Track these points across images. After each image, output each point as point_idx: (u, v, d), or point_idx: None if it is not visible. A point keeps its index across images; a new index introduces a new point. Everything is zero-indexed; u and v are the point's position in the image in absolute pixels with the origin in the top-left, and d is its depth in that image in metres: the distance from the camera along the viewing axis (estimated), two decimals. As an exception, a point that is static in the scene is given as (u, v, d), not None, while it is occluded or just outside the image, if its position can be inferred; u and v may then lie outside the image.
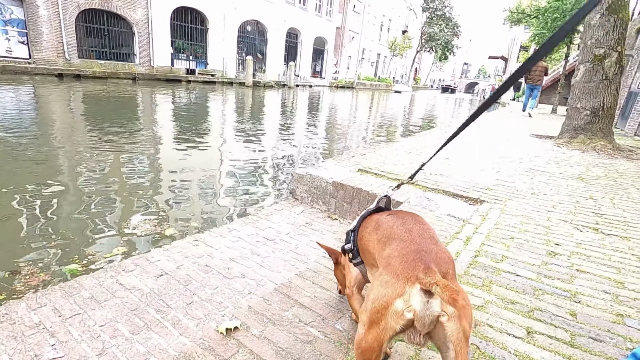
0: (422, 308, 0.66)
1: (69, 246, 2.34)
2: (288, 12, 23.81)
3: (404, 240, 0.81)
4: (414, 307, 0.66)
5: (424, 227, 0.88)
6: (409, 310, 0.66)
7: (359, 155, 3.73)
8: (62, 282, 1.73)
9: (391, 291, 0.69)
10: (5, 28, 12.49)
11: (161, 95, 12.61)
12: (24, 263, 2.13)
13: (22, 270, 2.04)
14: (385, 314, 0.69)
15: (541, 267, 1.64)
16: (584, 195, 2.81)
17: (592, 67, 4.95)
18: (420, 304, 0.66)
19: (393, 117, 13.96)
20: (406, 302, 0.67)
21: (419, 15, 45.84)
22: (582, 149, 4.90)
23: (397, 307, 0.68)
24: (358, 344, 0.74)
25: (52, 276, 2.02)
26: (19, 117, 6.62)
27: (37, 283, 1.96)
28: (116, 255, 2.24)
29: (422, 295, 0.66)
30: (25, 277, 2.00)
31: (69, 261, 2.15)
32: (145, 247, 2.40)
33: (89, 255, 2.25)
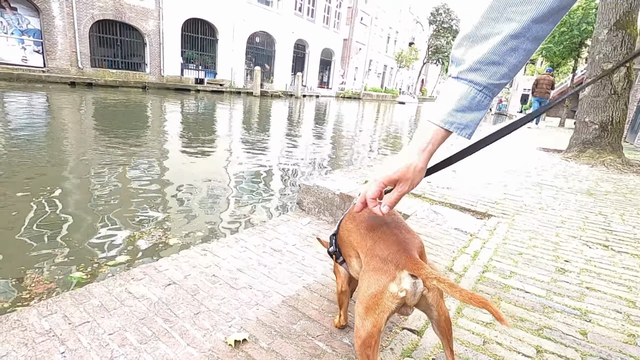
0: (411, 288, 0.80)
1: (74, 254, 2.38)
2: (296, 23, 24.21)
3: (384, 232, 0.91)
4: (405, 288, 0.80)
5: (396, 219, 0.98)
6: (402, 291, 0.80)
7: (365, 167, 3.74)
8: (72, 289, 1.75)
9: (385, 277, 0.82)
10: (21, 37, 12.86)
11: (170, 104, 12.81)
12: (30, 270, 2.16)
13: (28, 278, 2.08)
14: (382, 297, 0.81)
15: (550, 284, 1.63)
16: (593, 211, 2.78)
17: (601, 82, 4.95)
18: (409, 285, 0.80)
19: (399, 128, 14.00)
20: (398, 284, 0.80)
21: (425, 27, 46.31)
22: (590, 163, 4.87)
23: (392, 289, 0.81)
24: (357, 335, 0.84)
25: (57, 284, 2.05)
26: (31, 124, 6.77)
27: (43, 291, 1.99)
28: (120, 264, 2.27)
29: (410, 277, 0.80)
30: (31, 285, 2.03)
31: (74, 269, 2.18)
32: (150, 255, 2.42)
33: (94, 263, 2.28)
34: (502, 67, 0.63)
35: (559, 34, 11.22)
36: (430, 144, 0.71)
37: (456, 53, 0.68)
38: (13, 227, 2.70)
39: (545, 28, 0.60)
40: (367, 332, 0.81)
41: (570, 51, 11.84)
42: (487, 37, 0.62)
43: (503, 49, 0.61)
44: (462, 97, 0.66)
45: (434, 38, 44.52)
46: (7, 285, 2.01)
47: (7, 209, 3.02)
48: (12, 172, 3.98)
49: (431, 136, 0.71)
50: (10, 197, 3.25)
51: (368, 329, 0.81)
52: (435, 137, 0.71)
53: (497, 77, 0.64)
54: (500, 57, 0.62)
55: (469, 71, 0.65)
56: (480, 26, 0.62)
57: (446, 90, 0.69)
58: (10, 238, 2.57)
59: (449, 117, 0.68)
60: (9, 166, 4.17)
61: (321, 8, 26.24)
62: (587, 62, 5.66)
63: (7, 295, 1.92)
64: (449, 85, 0.69)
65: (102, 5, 14.34)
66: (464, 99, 0.66)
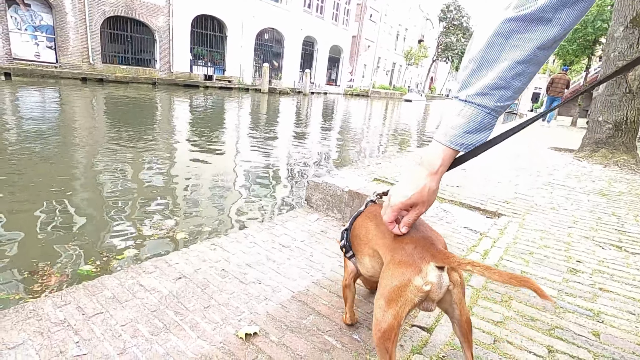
0: (437, 281, 0.80)
1: (84, 247, 2.42)
2: (305, 20, 24.15)
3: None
4: (431, 281, 0.79)
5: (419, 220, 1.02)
6: (427, 284, 0.79)
7: (374, 165, 3.73)
8: (84, 281, 1.78)
9: (410, 270, 0.81)
10: (35, 33, 13.05)
11: (179, 100, 12.90)
12: (42, 263, 2.21)
13: (40, 271, 2.12)
14: (405, 290, 0.80)
15: (562, 284, 1.61)
16: (606, 212, 2.74)
17: (615, 80, 4.85)
18: (435, 278, 0.80)
19: (407, 126, 13.92)
20: (424, 277, 0.80)
21: (435, 25, 45.83)
22: (603, 163, 4.79)
23: (417, 282, 0.80)
24: (377, 327, 0.84)
25: (67, 277, 2.09)
26: (44, 119, 6.88)
27: (54, 283, 2.03)
28: (129, 257, 2.30)
29: (436, 269, 0.80)
30: (42, 278, 2.07)
31: (84, 262, 2.22)
32: (158, 250, 2.45)
33: (104, 257, 2.32)
34: (508, 90, 0.67)
35: (573, 31, 11.02)
36: (441, 166, 0.75)
37: (463, 75, 0.71)
38: (25, 221, 2.76)
39: (548, 53, 0.65)
40: (387, 324, 0.81)
41: (584, 49, 11.63)
42: (493, 62, 0.66)
43: (509, 75, 0.65)
44: (472, 120, 0.71)
45: (443, 35, 44.04)
46: (19, 277, 2.06)
47: (19, 203, 3.08)
48: (24, 166, 4.05)
49: (442, 158, 0.75)
50: (23, 192, 3.31)
51: (389, 321, 0.81)
52: (445, 158, 0.75)
53: (503, 100, 0.68)
54: (506, 82, 0.66)
55: (477, 95, 0.69)
56: (487, 50, 0.66)
57: (453, 111, 0.73)
58: (23, 231, 2.62)
59: (459, 139, 0.72)
60: (21, 161, 4.25)
61: (330, 5, 26.13)
62: (602, 60, 5.54)
63: (20, 287, 1.96)
64: (456, 107, 0.73)
65: (113, 1, 14.47)
66: (474, 121, 0.71)
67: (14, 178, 3.65)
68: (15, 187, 3.40)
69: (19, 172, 3.82)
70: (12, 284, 2.01)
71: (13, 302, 1.87)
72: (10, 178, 3.64)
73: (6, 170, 3.85)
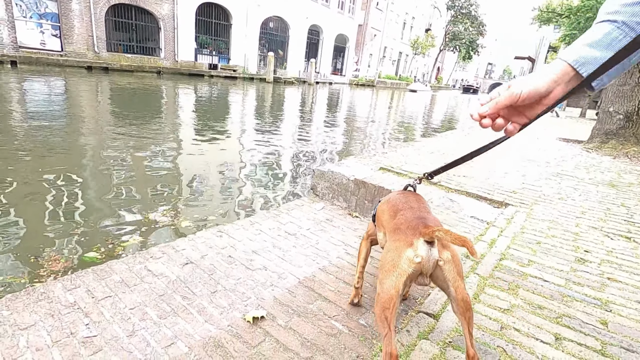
0: (426, 254, 0.89)
1: (90, 234, 2.44)
2: (310, 9, 23.82)
3: (407, 211, 1.05)
4: (421, 253, 0.89)
5: (421, 203, 1.14)
6: (417, 256, 0.89)
7: (380, 154, 3.71)
8: (94, 265, 1.80)
9: (403, 244, 0.92)
10: (40, 21, 13.02)
11: (184, 89, 12.88)
12: (48, 249, 2.23)
13: (46, 256, 2.15)
14: (399, 262, 0.90)
15: (570, 273, 1.60)
16: (615, 203, 2.71)
17: (629, 70, 4.75)
18: (424, 251, 0.89)
19: (413, 116, 13.79)
20: (415, 250, 0.90)
21: (443, 13, 44.99)
22: (613, 154, 4.72)
23: (409, 254, 0.90)
24: (378, 298, 0.92)
25: (72, 262, 2.11)
26: (50, 107, 6.91)
27: (59, 269, 2.05)
28: (134, 244, 2.33)
29: (425, 244, 0.90)
30: (48, 263, 2.09)
31: (89, 249, 2.24)
32: (164, 237, 2.47)
33: (109, 244, 2.34)
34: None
35: (585, 19, 10.76)
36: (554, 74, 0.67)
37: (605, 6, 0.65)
38: (31, 207, 2.79)
39: None
40: (386, 294, 0.90)
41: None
42: None
43: None
44: (597, 32, 0.64)
45: (451, 24, 43.26)
46: (26, 261, 2.09)
47: (26, 191, 3.11)
48: (30, 154, 4.08)
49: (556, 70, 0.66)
50: (29, 179, 3.34)
51: (387, 290, 0.90)
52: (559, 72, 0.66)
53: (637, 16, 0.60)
54: None
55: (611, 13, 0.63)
56: None
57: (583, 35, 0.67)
58: (29, 217, 2.65)
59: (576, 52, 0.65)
60: (27, 150, 4.28)
61: (336, -8, 25.74)
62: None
63: (25, 271, 1.99)
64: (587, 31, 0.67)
65: (118, -11, 14.36)
66: (598, 32, 0.63)
67: (20, 165, 3.68)
68: (21, 175, 3.44)
69: (26, 160, 3.85)
70: (19, 268, 2.04)
71: (19, 285, 1.90)
72: (16, 167, 3.67)
73: (12, 159, 3.88)
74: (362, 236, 2.36)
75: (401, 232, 0.96)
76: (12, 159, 3.85)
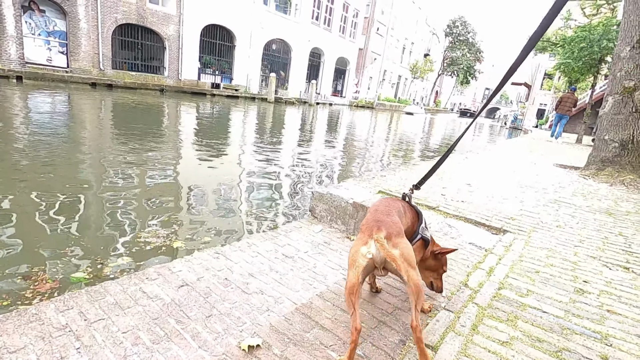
0: (376, 252, 1.14)
1: (79, 253, 2.40)
2: (313, 32, 24.49)
3: (372, 214, 1.28)
4: (372, 251, 1.14)
5: (388, 206, 1.33)
6: (369, 253, 1.14)
7: (379, 177, 3.73)
8: (89, 286, 1.78)
9: (360, 242, 1.18)
10: (48, 39, 13.32)
11: (186, 107, 13.04)
12: (37, 268, 2.19)
13: (34, 276, 2.10)
14: (357, 257, 1.15)
15: (569, 304, 1.59)
16: (612, 231, 2.71)
17: (622, 99, 4.86)
18: (375, 249, 1.14)
19: (411, 138, 13.94)
20: (368, 248, 1.15)
21: (441, 39, 46.28)
22: (609, 182, 4.76)
23: (363, 251, 1.15)
24: (345, 286, 1.16)
25: (59, 283, 2.06)
26: (52, 122, 6.97)
27: (45, 290, 1.99)
28: (121, 264, 2.29)
29: (376, 244, 1.13)
30: (35, 284, 2.04)
31: (79, 269, 2.20)
32: (155, 258, 2.45)
33: (98, 264, 2.30)
34: None
35: (578, 49, 11.06)
36: None
37: None
38: (24, 223, 2.77)
39: None
40: (350, 282, 1.13)
41: (590, 67, 11.65)
42: None
43: None
44: None
45: (449, 50, 44.43)
46: (13, 282, 2.04)
47: (20, 206, 3.10)
48: (28, 169, 4.09)
49: None
50: (25, 194, 3.34)
51: (351, 279, 1.14)
52: None
53: None
54: None
55: None
56: None
57: None
58: (21, 233, 2.63)
59: None
60: (26, 165, 4.29)
61: (338, 18, 26.51)
62: (608, 78, 5.55)
63: (11, 292, 1.94)
64: None
65: (126, 9, 14.77)
66: None
67: (17, 181, 3.68)
68: (18, 190, 3.43)
69: (22, 177, 3.85)
70: (3, 289, 1.99)
71: (1, 308, 1.85)
72: (13, 182, 3.67)
73: (10, 175, 3.89)
74: None
75: (361, 232, 1.21)
76: (9, 174, 3.85)
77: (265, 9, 20.46)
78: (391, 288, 1.66)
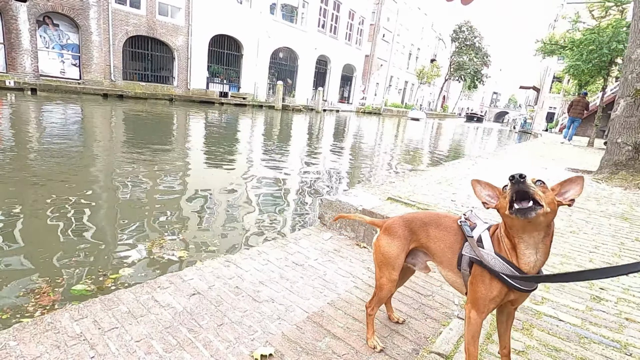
0: None
1: (83, 264, 2.40)
2: (319, 40, 24.70)
3: None
4: None
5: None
6: None
7: (388, 184, 3.72)
8: (102, 295, 1.80)
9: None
10: (61, 52, 13.67)
11: (195, 115, 13.22)
12: (40, 279, 2.19)
13: (37, 288, 2.11)
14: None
15: (586, 312, 1.55)
16: (629, 237, 2.65)
17: (634, 102, 4.78)
18: None
19: (419, 144, 13.88)
20: None
21: (448, 44, 46.25)
22: (623, 185, 4.66)
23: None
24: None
25: (61, 296, 2.05)
26: (65, 132, 7.12)
27: (47, 303, 1.99)
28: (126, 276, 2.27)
29: None
30: (36, 297, 2.05)
31: (78, 281, 2.19)
32: (167, 266, 2.47)
33: (100, 276, 2.28)
34: None
35: (588, 52, 10.93)
36: None
37: None
38: (31, 233, 2.82)
39: None
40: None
41: (600, 70, 11.50)
42: None
43: None
44: None
45: (456, 55, 44.35)
46: (15, 294, 2.05)
47: (28, 217, 3.16)
48: (40, 178, 4.17)
49: None
50: (33, 204, 3.40)
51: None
52: None
53: None
54: None
55: None
56: None
57: None
58: (27, 244, 2.68)
59: None
60: (36, 175, 4.38)
61: (344, 25, 26.72)
62: (619, 80, 5.48)
63: (12, 305, 1.94)
64: None
65: (136, 22, 15.11)
66: None
67: (28, 192, 3.75)
68: (28, 200, 3.50)
69: (32, 184, 3.93)
70: (7, 301, 1.99)
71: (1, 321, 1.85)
72: (23, 192, 3.75)
73: (16, 183, 3.97)
74: (370, 268, 2.33)
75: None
76: (16, 183, 3.93)
77: (272, 18, 20.73)
78: (402, 296, 1.64)
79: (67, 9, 13.01)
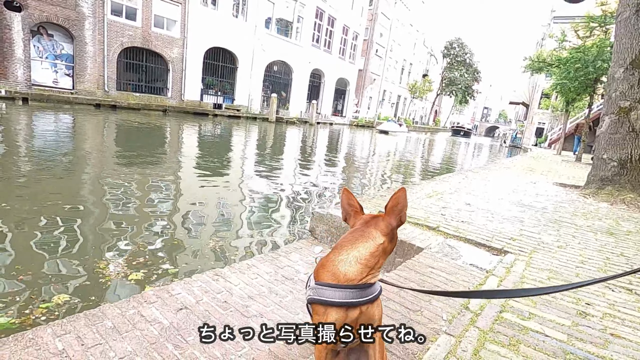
0: None
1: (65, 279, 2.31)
2: (313, 54, 25.05)
3: None
4: None
5: None
6: None
7: (379, 197, 3.74)
8: (86, 309, 1.76)
9: None
10: (55, 62, 13.64)
11: (188, 127, 13.21)
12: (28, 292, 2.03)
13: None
14: None
15: (572, 328, 1.57)
16: (614, 252, 2.70)
17: (618, 119, 4.92)
18: None
19: (411, 157, 14.01)
20: None
21: (439, 60, 47.23)
22: (610, 201, 4.75)
23: None
24: None
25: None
26: (56, 142, 7.05)
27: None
28: (59, 302, 2.01)
29: None
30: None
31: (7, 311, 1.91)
32: (155, 280, 2.43)
33: (28, 306, 1.97)
34: None
35: (574, 70, 11.27)
36: None
37: None
38: (17, 243, 2.77)
39: None
40: None
41: (586, 87, 11.85)
42: None
43: None
44: None
45: (447, 70, 45.27)
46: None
47: (17, 227, 3.10)
48: (27, 189, 4.11)
49: None
50: (18, 214, 3.35)
51: None
52: None
53: None
54: None
55: None
56: None
57: None
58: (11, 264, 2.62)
59: None
60: (23, 185, 4.32)
61: (338, 40, 27.18)
62: (604, 98, 5.64)
63: None
64: None
65: (132, 34, 15.19)
66: None
67: (14, 202, 3.70)
68: (12, 212, 3.45)
69: (19, 194, 3.88)
70: None
71: None
72: (10, 203, 3.69)
73: (11, 194, 3.91)
74: None
75: None
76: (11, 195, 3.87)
77: (267, 32, 21.02)
78: (391, 312, 1.64)
79: (62, 19, 13.04)
